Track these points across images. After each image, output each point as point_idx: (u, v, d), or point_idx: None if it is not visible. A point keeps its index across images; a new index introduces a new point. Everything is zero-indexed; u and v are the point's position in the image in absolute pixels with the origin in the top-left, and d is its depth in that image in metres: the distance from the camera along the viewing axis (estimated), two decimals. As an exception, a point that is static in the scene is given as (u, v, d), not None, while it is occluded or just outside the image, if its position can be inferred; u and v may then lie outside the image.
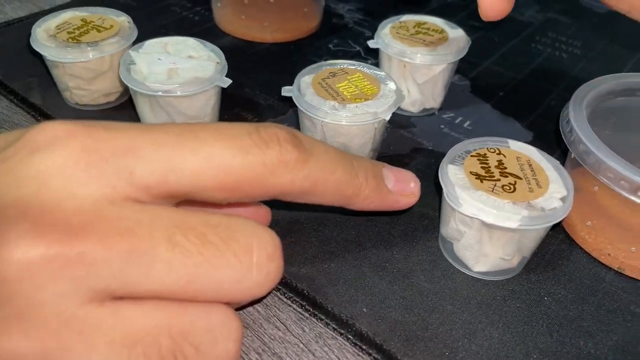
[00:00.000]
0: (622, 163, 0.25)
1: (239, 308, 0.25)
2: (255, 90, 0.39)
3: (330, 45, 0.45)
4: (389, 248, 0.28)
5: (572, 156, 0.27)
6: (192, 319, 0.18)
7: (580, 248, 0.29)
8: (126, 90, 0.36)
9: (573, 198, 0.26)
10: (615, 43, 0.47)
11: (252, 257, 0.18)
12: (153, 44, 0.34)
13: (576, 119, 0.27)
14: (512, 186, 0.25)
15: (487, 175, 0.26)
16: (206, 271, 0.18)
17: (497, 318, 0.25)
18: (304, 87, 0.31)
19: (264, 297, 0.25)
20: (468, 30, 0.37)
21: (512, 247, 0.26)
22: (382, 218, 0.30)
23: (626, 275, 0.28)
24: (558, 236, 0.30)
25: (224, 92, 0.34)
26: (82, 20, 0.36)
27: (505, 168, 0.26)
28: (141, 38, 0.35)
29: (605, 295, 0.27)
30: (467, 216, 0.25)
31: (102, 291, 0.17)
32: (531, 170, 0.26)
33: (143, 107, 0.32)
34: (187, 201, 0.20)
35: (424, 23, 0.37)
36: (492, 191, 0.25)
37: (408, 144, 0.35)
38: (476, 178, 0.25)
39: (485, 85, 0.41)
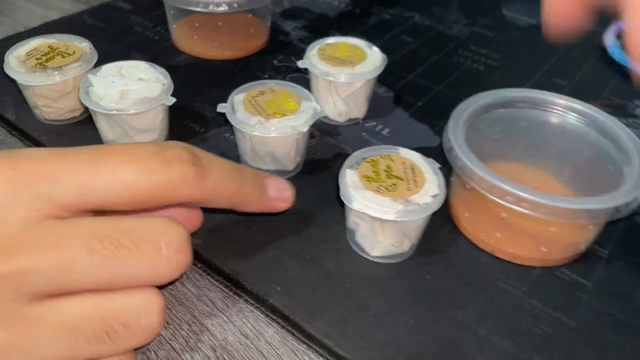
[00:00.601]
0: (481, 167, 0.31)
1: (166, 285, 0.31)
2: (205, 104, 0.45)
3: (275, 61, 0.51)
4: (305, 239, 0.34)
5: None
6: (117, 303, 0.24)
7: (463, 235, 0.35)
8: (89, 106, 0.42)
9: (457, 194, 0.31)
10: (530, 55, 0.53)
11: (161, 252, 0.24)
12: (109, 68, 0.39)
13: (452, 130, 0.33)
14: (394, 186, 0.31)
15: (375, 177, 0.32)
16: (123, 269, 0.23)
17: (386, 294, 0.31)
18: (237, 104, 0.37)
19: (179, 278, 0.31)
20: (399, 44, 0.42)
21: (399, 235, 0.32)
22: (301, 214, 0.36)
23: (497, 257, 0.34)
24: (447, 226, 0.35)
25: (176, 105, 0.39)
26: (49, 47, 0.41)
27: (392, 171, 0.32)
28: (106, 57, 0.41)
29: (479, 274, 0.33)
30: (357, 211, 0.31)
31: (39, 293, 0.22)
32: (412, 173, 0.32)
33: (101, 123, 0.38)
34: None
35: (347, 44, 0.43)
36: (377, 190, 0.31)
37: (333, 150, 0.41)
38: (367, 180, 0.31)
39: (406, 96, 0.47)
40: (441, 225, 0.35)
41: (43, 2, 0.58)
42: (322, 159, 0.40)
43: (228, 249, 0.33)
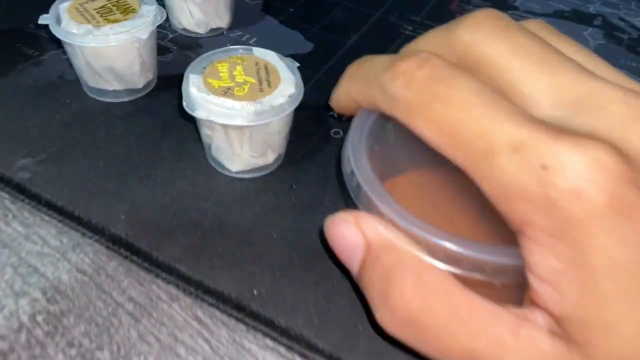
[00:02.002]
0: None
1: None
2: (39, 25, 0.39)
3: (128, -26, 0.45)
4: (157, 161, 0.30)
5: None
6: None
7: (339, 145, 0.32)
8: None
9: None
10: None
11: None
12: None
13: (354, 154, 0.22)
14: (244, 88, 0.27)
15: (222, 81, 0.28)
16: None
17: (248, 209, 0.28)
18: (62, 14, 0.31)
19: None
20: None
21: (259, 144, 0.28)
22: (152, 133, 0.31)
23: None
24: (319, 131, 0.32)
25: (4, 28, 0.33)
26: None
27: (242, 73, 0.28)
28: None
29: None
30: (203, 119, 0.27)
31: None
32: (266, 73, 0.28)
33: None
34: None
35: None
36: (225, 94, 0.27)
37: (192, 64, 0.37)
38: (212, 84, 0.27)
39: (277, 3, 0.43)
40: (313, 132, 0.32)
41: None
42: (179, 73, 0.36)
43: (63, 180, 0.29)
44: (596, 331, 0.17)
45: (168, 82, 0.35)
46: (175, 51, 0.37)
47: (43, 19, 0.31)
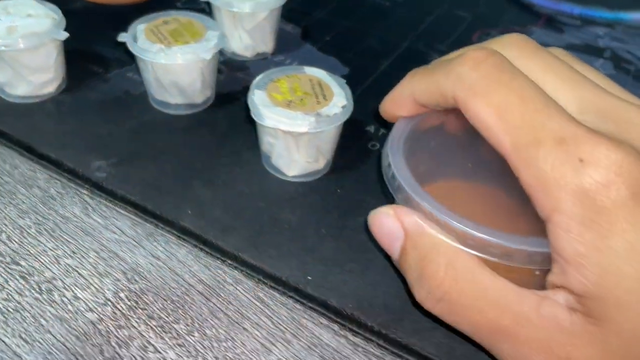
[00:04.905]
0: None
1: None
2: (105, 46, 0.43)
3: (178, 4, 0.49)
4: (217, 167, 0.34)
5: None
6: None
7: (374, 153, 0.36)
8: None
9: None
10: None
11: None
12: (-6, 6, 0.37)
13: (393, 158, 0.25)
14: (303, 101, 0.31)
15: (284, 94, 0.32)
16: None
17: (297, 208, 0.32)
18: (138, 34, 0.36)
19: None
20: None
21: (313, 150, 0.32)
22: (212, 144, 0.35)
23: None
24: (357, 142, 0.36)
25: (73, 48, 0.37)
26: None
27: (300, 88, 0.32)
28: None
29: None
30: (270, 128, 0.30)
31: None
32: (320, 88, 0.32)
33: (-11, 63, 0.36)
34: None
35: (249, -23, 0.42)
36: (288, 106, 0.31)
37: (242, 83, 0.41)
38: (275, 97, 0.31)
39: (314, 31, 0.47)
40: (353, 143, 0.36)
41: None
42: (231, 91, 0.40)
43: (135, 180, 0.32)
44: (613, 307, 0.20)
45: (222, 100, 0.39)
46: (226, 72, 0.42)
47: (122, 37, 0.35)
